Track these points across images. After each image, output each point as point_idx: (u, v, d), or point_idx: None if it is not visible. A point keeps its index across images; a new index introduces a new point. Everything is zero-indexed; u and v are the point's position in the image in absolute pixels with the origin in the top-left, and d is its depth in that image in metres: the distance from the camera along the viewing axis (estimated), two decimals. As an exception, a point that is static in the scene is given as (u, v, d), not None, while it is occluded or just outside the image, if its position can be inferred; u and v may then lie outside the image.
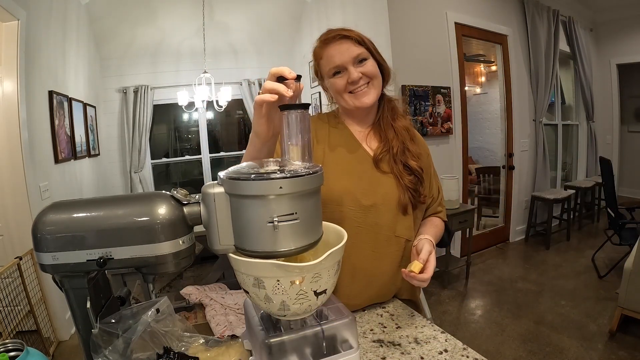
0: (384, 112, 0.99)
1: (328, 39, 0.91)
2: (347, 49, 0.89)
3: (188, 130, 5.04)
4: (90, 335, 0.54)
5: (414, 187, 0.92)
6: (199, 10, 3.69)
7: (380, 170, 0.94)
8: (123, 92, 4.16)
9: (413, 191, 0.92)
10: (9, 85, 2.19)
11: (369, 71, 0.90)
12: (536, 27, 3.82)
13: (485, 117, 5.46)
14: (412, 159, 0.94)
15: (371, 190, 0.92)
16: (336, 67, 0.90)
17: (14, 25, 2.19)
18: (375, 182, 0.93)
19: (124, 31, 3.88)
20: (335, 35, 0.90)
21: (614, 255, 3.11)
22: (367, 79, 0.91)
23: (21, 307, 2.14)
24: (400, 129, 0.97)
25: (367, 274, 0.92)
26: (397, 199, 0.92)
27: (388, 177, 0.93)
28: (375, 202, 0.91)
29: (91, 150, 3.51)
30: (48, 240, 0.50)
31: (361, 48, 0.90)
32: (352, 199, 0.90)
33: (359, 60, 0.90)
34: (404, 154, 0.94)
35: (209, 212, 0.54)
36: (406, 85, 2.93)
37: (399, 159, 0.93)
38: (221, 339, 0.71)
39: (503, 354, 2.12)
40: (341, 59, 0.89)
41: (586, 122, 4.76)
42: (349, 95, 0.92)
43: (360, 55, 0.89)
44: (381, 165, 0.94)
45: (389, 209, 0.92)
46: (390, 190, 0.92)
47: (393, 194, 0.92)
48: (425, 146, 1.04)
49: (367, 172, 0.93)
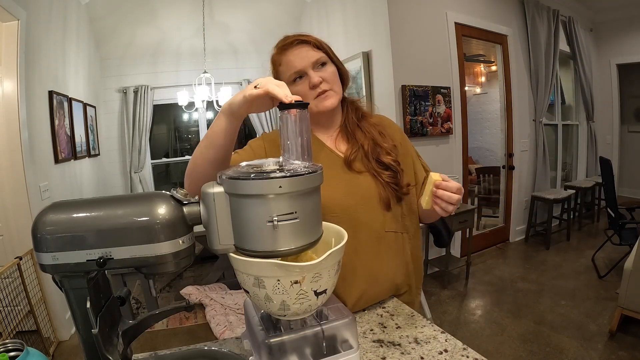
0: (349, 114, 0.98)
1: (286, 45, 0.90)
2: (306, 54, 0.88)
3: (188, 130, 5.04)
4: (90, 335, 0.54)
5: (392, 181, 0.92)
6: (199, 10, 3.69)
7: (355, 171, 0.93)
8: (123, 92, 4.16)
9: (394, 185, 0.92)
10: (9, 85, 2.19)
11: (328, 75, 0.90)
12: (536, 27, 3.82)
13: (485, 117, 5.46)
14: (384, 155, 0.93)
15: (350, 192, 0.91)
16: (297, 73, 0.89)
17: (14, 25, 2.19)
18: (352, 183, 0.92)
19: (124, 31, 3.88)
20: (293, 41, 0.89)
21: (614, 255, 3.11)
22: (327, 83, 0.90)
23: (21, 307, 2.14)
24: (368, 127, 0.97)
25: (368, 274, 0.92)
26: (378, 196, 0.92)
27: (364, 176, 0.93)
28: (357, 202, 0.90)
29: (91, 150, 3.51)
30: (48, 240, 0.50)
31: (320, 52, 0.89)
32: (335, 204, 0.88)
33: (319, 65, 0.90)
34: (375, 150, 0.94)
35: (209, 211, 0.54)
36: (406, 85, 2.93)
37: (371, 156, 0.93)
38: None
39: (503, 354, 2.11)
40: (301, 63, 0.88)
41: (586, 122, 4.76)
42: (311, 99, 0.90)
43: (320, 60, 0.89)
44: (354, 165, 0.93)
45: (372, 207, 0.92)
46: (369, 188, 0.92)
47: (373, 191, 0.92)
48: (397, 135, 1.01)
49: (342, 176, 0.93)
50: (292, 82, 0.90)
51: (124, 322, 0.63)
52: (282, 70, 0.91)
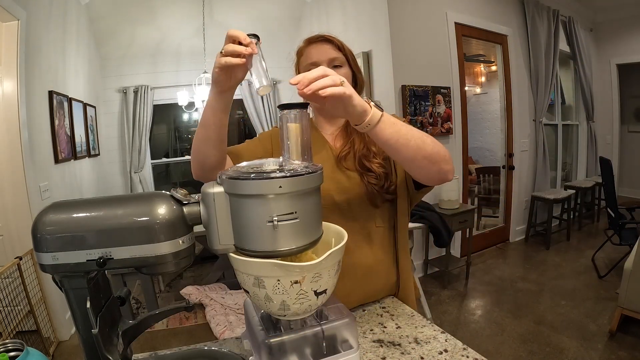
0: None
1: (312, 39, 0.98)
2: (325, 50, 0.95)
3: (188, 130, 5.04)
4: (90, 335, 0.54)
5: (377, 184, 0.94)
6: (199, 10, 3.69)
7: (344, 168, 0.96)
8: (123, 92, 4.16)
9: (378, 187, 0.94)
10: (9, 85, 2.19)
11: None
12: (536, 27, 3.82)
13: (485, 117, 5.46)
14: (372, 159, 0.95)
15: (341, 188, 0.94)
16: (312, 64, 0.94)
17: (14, 25, 2.19)
18: (342, 180, 0.95)
19: (124, 31, 3.88)
20: (318, 37, 0.98)
21: (614, 255, 3.11)
22: None
23: (21, 307, 2.14)
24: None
25: (365, 270, 0.94)
26: (366, 194, 0.94)
27: (353, 174, 0.95)
28: (347, 198, 0.94)
29: (91, 150, 3.51)
30: (48, 240, 0.50)
31: (339, 53, 0.96)
32: (328, 199, 0.91)
33: (333, 65, 0.95)
34: (366, 156, 0.96)
35: (209, 211, 0.54)
36: (406, 85, 2.93)
37: (361, 159, 0.96)
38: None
39: (503, 354, 2.11)
40: (318, 57, 0.94)
41: (586, 122, 4.76)
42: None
43: (336, 60, 0.95)
44: (345, 163, 0.96)
45: (360, 203, 0.94)
46: (356, 187, 0.94)
47: (360, 190, 0.94)
48: None
49: (334, 171, 0.96)
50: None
51: (124, 322, 0.63)
52: (302, 60, 0.99)
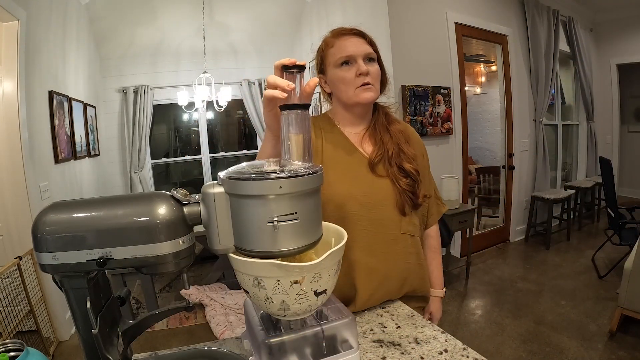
0: (379, 116, 1.00)
1: (344, 32, 0.94)
2: (362, 44, 0.92)
3: (188, 130, 5.04)
4: (90, 335, 0.54)
5: (410, 189, 0.93)
6: (199, 10, 3.69)
7: (376, 174, 0.94)
8: (123, 92, 4.16)
9: (410, 193, 0.93)
10: (9, 85, 2.19)
11: (374, 72, 0.93)
12: (536, 27, 3.82)
13: (485, 117, 5.46)
14: (407, 162, 0.95)
15: (371, 193, 0.93)
16: (347, 57, 0.91)
17: (14, 25, 2.19)
18: (373, 185, 0.94)
19: (124, 31, 3.88)
20: (350, 30, 0.94)
21: (614, 255, 3.11)
22: (372, 78, 0.92)
23: (21, 307, 2.14)
24: (395, 132, 0.98)
25: (381, 274, 0.93)
26: (395, 201, 0.93)
27: (384, 180, 0.94)
28: (375, 203, 0.92)
29: (91, 150, 3.51)
30: (48, 240, 0.50)
31: (372, 49, 0.94)
32: (356, 202, 0.91)
33: (369, 59, 0.92)
34: (399, 156, 0.95)
35: (209, 212, 0.54)
36: (406, 85, 2.93)
37: (394, 161, 0.94)
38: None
39: (503, 354, 2.12)
40: (355, 50, 0.91)
41: (586, 122, 4.76)
42: (353, 87, 0.92)
43: (371, 55, 0.93)
44: (377, 169, 0.94)
45: (389, 209, 0.93)
46: (387, 193, 0.93)
47: (390, 197, 0.93)
48: (421, 146, 1.05)
49: (365, 176, 0.94)
50: (338, 66, 0.92)
51: (124, 322, 0.63)
52: (332, 52, 0.93)
